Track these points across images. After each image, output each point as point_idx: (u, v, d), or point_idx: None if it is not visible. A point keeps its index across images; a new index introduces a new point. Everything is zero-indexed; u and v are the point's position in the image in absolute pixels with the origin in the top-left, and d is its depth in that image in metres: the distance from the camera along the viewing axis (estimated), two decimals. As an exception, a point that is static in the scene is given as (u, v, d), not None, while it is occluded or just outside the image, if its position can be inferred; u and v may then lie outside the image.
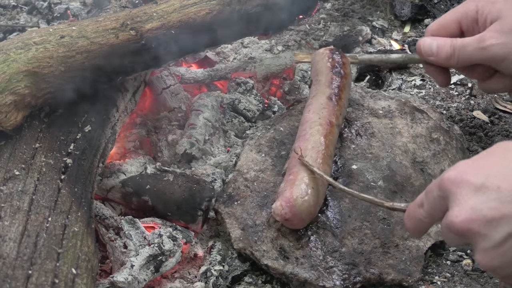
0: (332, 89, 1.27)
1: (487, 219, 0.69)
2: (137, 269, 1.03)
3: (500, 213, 0.69)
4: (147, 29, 1.17)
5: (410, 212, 0.85)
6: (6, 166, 0.97)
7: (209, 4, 1.28)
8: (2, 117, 0.99)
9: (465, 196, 0.72)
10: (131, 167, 1.24)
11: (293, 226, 1.11)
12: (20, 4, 2.09)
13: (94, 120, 1.15)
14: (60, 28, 1.12)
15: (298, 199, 1.06)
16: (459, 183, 0.73)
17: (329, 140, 1.17)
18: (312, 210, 1.08)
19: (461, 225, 0.71)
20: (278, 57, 1.67)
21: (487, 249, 0.70)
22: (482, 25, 1.10)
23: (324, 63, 1.33)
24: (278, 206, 1.07)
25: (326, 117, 1.20)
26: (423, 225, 0.84)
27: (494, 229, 0.69)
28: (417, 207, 0.83)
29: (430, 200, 0.79)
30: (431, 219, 0.81)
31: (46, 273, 0.81)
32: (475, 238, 0.71)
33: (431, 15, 1.95)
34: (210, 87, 1.63)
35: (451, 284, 1.11)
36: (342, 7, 2.02)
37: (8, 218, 0.87)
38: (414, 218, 0.84)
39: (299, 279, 1.07)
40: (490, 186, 0.70)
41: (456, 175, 0.74)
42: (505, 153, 0.75)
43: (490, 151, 0.77)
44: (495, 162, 0.74)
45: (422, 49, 1.17)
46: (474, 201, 0.71)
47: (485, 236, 0.69)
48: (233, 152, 1.37)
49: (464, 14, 1.12)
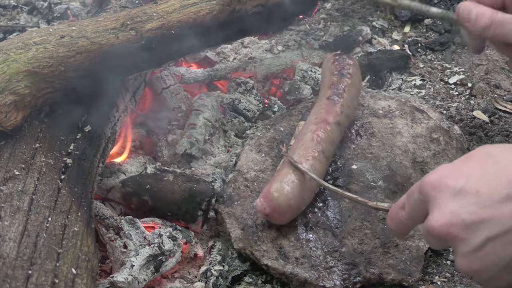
0: (333, 89, 1.28)
1: (466, 223, 0.69)
2: (137, 269, 1.03)
3: (479, 217, 0.69)
4: (147, 29, 1.17)
5: (393, 213, 0.85)
6: (6, 166, 0.97)
7: (209, 4, 1.28)
8: (2, 117, 0.99)
9: (444, 201, 0.72)
10: (131, 167, 1.24)
11: (276, 220, 1.12)
12: (20, 4, 2.09)
13: (94, 120, 1.15)
14: (60, 28, 1.12)
15: (274, 193, 1.07)
16: (438, 187, 0.73)
17: (321, 138, 1.17)
18: (292, 203, 1.08)
19: (440, 229, 0.71)
20: (278, 57, 1.67)
21: (467, 253, 0.70)
22: None
23: (328, 67, 1.35)
24: (257, 202, 1.10)
25: (323, 116, 1.22)
26: (405, 227, 0.84)
27: (473, 233, 0.69)
28: (398, 208, 0.83)
29: (411, 203, 0.79)
30: (412, 221, 0.82)
31: (46, 273, 0.81)
32: (454, 242, 0.71)
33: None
34: (210, 87, 1.63)
35: (451, 284, 1.11)
36: (342, 7, 2.02)
37: (8, 218, 0.87)
38: (396, 219, 0.84)
39: (299, 279, 1.07)
40: (469, 190, 0.70)
41: (436, 179, 0.74)
42: (485, 157, 0.75)
43: (470, 156, 0.77)
44: (474, 167, 0.74)
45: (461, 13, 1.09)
46: (453, 205, 0.71)
47: (464, 240, 0.69)
48: (233, 152, 1.37)
49: None
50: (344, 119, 1.25)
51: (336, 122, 1.22)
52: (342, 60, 1.35)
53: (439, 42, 1.84)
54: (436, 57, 1.81)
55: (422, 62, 1.79)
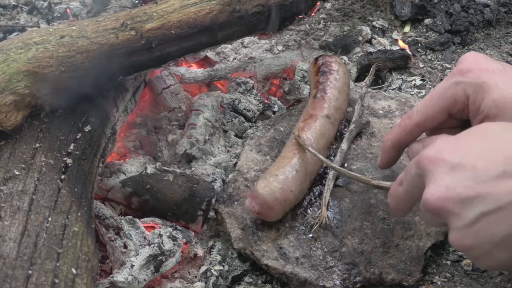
0: (319, 88, 1.31)
1: (461, 197, 0.69)
2: (137, 269, 1.03)
3: (474, 192, 0.68)
4: (147, 29, 1.17)
5: (392, 190, 0.85)
6: (6, 166, 0.97)
7: (209, 4, 1.28)
8: (2, 117, 0.99)
9: (441, 174, 0.72)
10: (131, 167, 1.24)
11: (267, 216, 1.12)
12: (20, 4, 2.09)
13: (94, 120, 1.15)
14: (60, 28, 1.12)
15: (259, 190, 1.08)
16: (435, 161, 0.73)
17: (308, 131, 1.20)
18: (278, 196, 1.09)
19: (435, 203, 0.71)
20: (278, 57, 1.67)
21: (460, 228, 0.69)
22: (474, 113, 0.91)
23: (312, 71, 1.39)
24: (247, 203, 1.12)
25: (310, 113, 1.25)
26: (403, 204, 0.84)
27: (467, 208, 0.68)
28: (397, 185, 0.83)
29: (408, 178, 0.79)
30: (409, 197, 0.81)
31: (46, 273, 0.81)
32: (449, 216, 0.70)
33: (431, 15, 1.96)
34: (210, 87, 1.63)
35: (451, 284, 1.11)
36: (342, 7, 2.02)
37: (8, 218, 0.87)
38: (395, 197, 0.84)
39: (299, 279, 1.07)
40: (466, 165, 0.70)
41: (434, 153, 0.74)
42: (484, 133, 0.75)
43: (469, 131, 0.76)
44: (473, 142, 0.74)
45: (411, 154, 1.01)
46: (449, 179, 0.70)
47: (459, 214, 0.69)
48: (233, 152, 1.37)
49: (453, 102, 0.93)
50: (333, 111, 1.26)
51: (325, 115, 1.23)
52: (323, 59, 1.39)
53: (439, 42, 1.84)
54: (436, 57, 1.81)
55: (422, 62, 1.79)
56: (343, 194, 1.19)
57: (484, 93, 0.87)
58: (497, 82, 0.87)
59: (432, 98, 0.95)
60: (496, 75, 0.88)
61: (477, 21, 1.89)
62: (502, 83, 0.87)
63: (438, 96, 0.94)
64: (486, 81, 0.88)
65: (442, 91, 0.93)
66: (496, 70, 0.89)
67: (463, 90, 0.90)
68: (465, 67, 0.91)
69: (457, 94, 0.91)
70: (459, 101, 0.91)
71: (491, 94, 0.86)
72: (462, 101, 0.91)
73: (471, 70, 0.90)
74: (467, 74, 0.90)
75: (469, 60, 0.92)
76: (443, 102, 0.93)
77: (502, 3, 1.96)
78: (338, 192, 1.19)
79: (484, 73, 0.89)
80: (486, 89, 0.87)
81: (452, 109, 0.93)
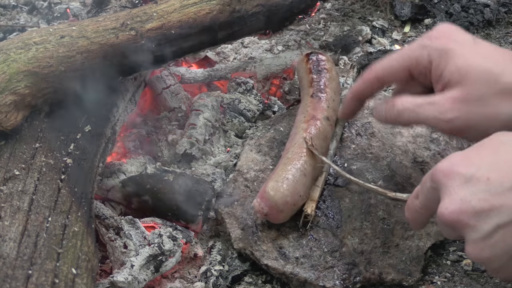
0: (314, 87, 1.30)
1: (476, 210, 0.69)
2: (137, 269, 1.03)
3: (489, 204, 0.68)
4: (147, 29, 1.17)
5: (409, 203, 0.85)
6: (6, 166, 0.97)
7: (209, 4, 1.28)
8: (2, 117, 0.99)
9: (455, 188, 0.72)
10: (131, 167, 1.24)
11: (275, 219, 1.12)
12: (20, 4, 2.09)
13: (94, 120, 1.15)
14: (60, 28, 1.12)
15: (270, 192, 1.07)
16: (450, 174, 0.73)
17: (313, 134, 1.18)
18: (289, 200, 1.08)
19: (450, 217, 0.71)
20: (278, 57, 1.67)
21: (477, 241, 0.69)
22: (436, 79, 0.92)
23: (303, 67, 1.37)
24: (255, 203, 1.11)
25: (311, 113, 1.23)
26: (420, 216, 0.84)
27: (483, 220, 0.68)
28: (414, 198, 0.83)
29: (424, 191, 0.80)
30: (426, 210, 0.82)
31: (46, 273, 0.81)
32: (464, 229, 0.71)
33: (431, 15, 1.96)
34: (210, 87, 1.63)
35: (451, 284, 1.11)
36: (342, 7, 2.02)
37: (8, 218, 0.87)
38: (412, 210, 0.84)
39: (299, 279, 1.07)
40: (480, 177, 0.70)
41: (447, 167, 0.74)
42: (498, 145, 0.75)
43: (483, 143, 0.76)
44: (486, 154, 0.74)
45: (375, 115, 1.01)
46: (463, 192, 0.71)
47: (474, 227, 0.69)
48: (233, 152, 1.37)
49: (415, 62, 0.94)
50: (331, 113, 1.26)
51: (325, 117, 1.23)
52: (316, 57, 1.37)
53: (439, 42, 1.84)
54: (436, 57, 1.81)
55: (422, 62, 1.79)
56: (343, 194, 1.19)
57: (449, 59, 0.89)
58: (463, 51, 0.88)
59: (396, 56, 0.98)
60: (464, 45, 0.89)
61: (477, 21, 1.89)
62: (469, 52, 0.88)
63: (402, 55, 0.97)
64: (452, 48, 0.89)
65: (407, 51, 0.96)
66: (465, 41, 0.91)
67: (427, 54, 0.92)
68: (435, 34, 0.93)
69: (421, 57, 0.93)
70: (421, 64, 0.93)
71: (455, 60, 0.88)
72: (424, 64, 0.93)
73: (439, 37, 0.92)
74: (435, 40, 0.92)
75: (441, 29, 0.94)
76: (404, 61, 0.96)
77: (502, 3, 1.96)
78: (338, 192, 1.19)
79: (452, 41, 0.90)
80: (450, 56, 0.89)
81: (413, 69, 0.95)
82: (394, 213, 1.16)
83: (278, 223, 1.13)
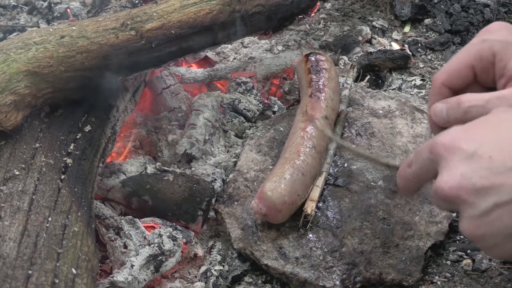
0: (313, 86, 1.30)
1: (476, 187, 0.69)
2: (137, 269, 1.03)
3: (489, 182, 0.68)
4: (147, 29, 1.17)
5: (401, 171, 0.85)
6: (6, 166, 0.97)
7: (209, 4, 1.28)
8: (2, 117, 0.99)
9: (456, 163, 0.71)
10: (131, 167, 1.24)
11: (274, 219, 1.12)
12: (20, 4, 2.09)
13: (94, 120, 1.15)
14: (60, 28, 1.12)
15: (267, 192, 1.08)
16: (451, 148, 0.73)
17: (311, 134, 1.19)
18: (287, 200, 1.09)
19: (449, 191, 0.71)
20: (278, 57, 1.67)
21: (473, 218, 0.69)
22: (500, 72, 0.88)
23: (302, 68, 1.38)
24: (253, 204, 1.11)
25: (309, 113, 1.24)
26: (411, 185, 0.84)
27: (482, 198, 0.68)
28: (406, 166, 0.83)
29: (419, 161, 0.79)
30: (417, 179, 0.82)
31: (46, 273, 0.81)
32: (462, 205, 0.71)
33: (431, 15, 1.96)
34: (210, 87, 1.63)
35: (451, 284, 1.11)
36: (342, 7, 2.02)
37: (8, 218, 0.87)
38: (403, 177, 0.84)
39: (299, 279, 1.07)
40: (482, 155, 0.70)
41: (449, 141, 0.74)
42: (500, 122, 0.74)
43: (485, 119, 0.76)
44: (489, 131, 0.73)
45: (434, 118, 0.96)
46: (464, 168, 0.70)
47: (472, 204, 0.69)
48: (233, 152, 1.37)
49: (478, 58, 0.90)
50: (330, 112, 1.26)
51: (324, 116, 1.23)
52: (315, 57, 1.38)
53: (439, 42, 1.84)
54: (436, 57, 1.81)
55: (422, 62, 1.79)
56: (343, 194, 1.19)
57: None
58: None
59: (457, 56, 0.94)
60: None
61: (477, 21, 1.89)
62: None
63: (463, 53, 0.92)
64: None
65: (468, 47, 0.92)
66: None
67: (489, 47, 0.88)
68: (493, 27, 0.90)
69: (483, 51, 0.88)
70: (484, 58, 0.89)
71: None
72: (488, 59, 0.89)
73: (499, 29, 0.89)
74: (496, 33, 0.89)
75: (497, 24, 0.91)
76: (468, 58, 0.91)
77: (502, 3, 1.96)
78: (338, 192, 1.19)
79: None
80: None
81: (476, 65, 0.90)
82: (394, 213, 1.16)
83: (278, 223, 1.13)
